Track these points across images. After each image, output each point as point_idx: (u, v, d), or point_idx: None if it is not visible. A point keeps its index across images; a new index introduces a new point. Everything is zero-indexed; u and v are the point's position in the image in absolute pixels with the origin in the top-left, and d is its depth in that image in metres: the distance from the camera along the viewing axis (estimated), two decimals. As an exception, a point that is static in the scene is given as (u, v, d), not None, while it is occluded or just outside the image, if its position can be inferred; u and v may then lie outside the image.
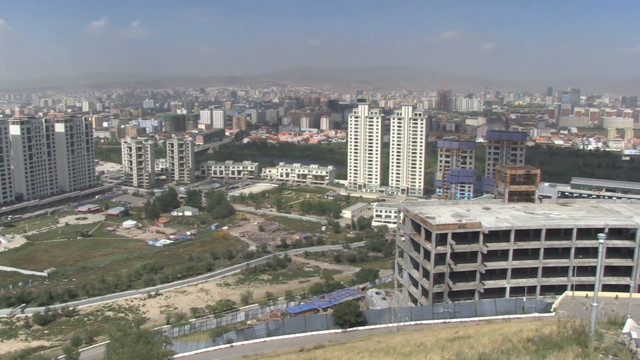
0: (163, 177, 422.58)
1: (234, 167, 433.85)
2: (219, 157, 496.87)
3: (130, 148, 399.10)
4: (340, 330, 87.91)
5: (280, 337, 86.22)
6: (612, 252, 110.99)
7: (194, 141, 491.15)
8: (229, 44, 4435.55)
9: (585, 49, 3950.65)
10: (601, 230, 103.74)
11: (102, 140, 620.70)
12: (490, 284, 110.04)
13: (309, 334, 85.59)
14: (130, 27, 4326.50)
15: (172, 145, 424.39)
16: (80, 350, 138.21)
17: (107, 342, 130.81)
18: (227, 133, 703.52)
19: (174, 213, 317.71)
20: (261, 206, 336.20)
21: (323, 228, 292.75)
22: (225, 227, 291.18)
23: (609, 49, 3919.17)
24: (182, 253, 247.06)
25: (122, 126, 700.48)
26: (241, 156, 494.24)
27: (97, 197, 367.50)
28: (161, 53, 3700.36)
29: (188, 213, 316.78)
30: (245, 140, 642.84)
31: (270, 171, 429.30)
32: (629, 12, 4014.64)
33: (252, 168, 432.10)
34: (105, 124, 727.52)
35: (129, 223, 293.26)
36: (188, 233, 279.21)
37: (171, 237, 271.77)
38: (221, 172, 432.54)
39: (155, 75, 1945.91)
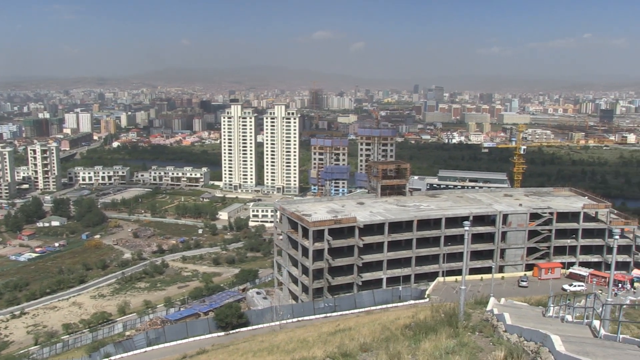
0: (25, 186, 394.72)
1: (104, 173, 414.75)
2: (87, 162, 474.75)
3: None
4: (222, 333, 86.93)
5: (161, 345, 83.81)
6: (476, 238, 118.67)
7: (59, 147, 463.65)
8: (96, 43, 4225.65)
9: (448, 50, 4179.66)
10: (466, 218, 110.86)
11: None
12: (368, 276, 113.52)
13: (191, 339, 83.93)
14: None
15: (34, 151, 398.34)
16: None
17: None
18: (95, 137, 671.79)
19: (40, 224, 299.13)
20: (135, 212, 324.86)
21: (200, 231, 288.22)
22: (97, 236, 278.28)
23: (469, 50, 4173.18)
24: (50, 266, 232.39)
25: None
26: (111, 161, 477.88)
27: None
28: (18, 52, 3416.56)
29: (55, 223, 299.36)
30: (115, 144, 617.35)
31: (142, 175, 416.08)
32: (484, 16, 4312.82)
33: (123, 173, 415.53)
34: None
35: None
36: (56, 244, 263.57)
37: (37, 250, 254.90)
38: (90, 178, 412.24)
39: (12, 76, 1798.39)
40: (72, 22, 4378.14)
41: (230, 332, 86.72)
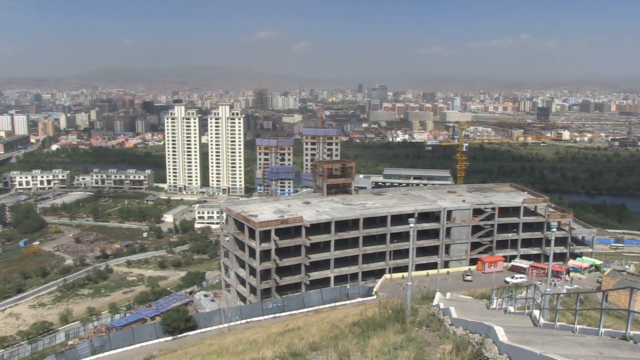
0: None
1: (42, 177, 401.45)
2: (24, 166, 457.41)
3: None
4: (170, 338, 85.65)
5: (106, 353, 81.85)
6: (422, 234, 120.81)
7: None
8: (31, 41, 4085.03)
9: (391, 49, 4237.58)
10: (411, 215, 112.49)
11: None
12: (315, 275, 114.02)
13: (137, 345, 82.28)
14: None
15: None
16: None
17: None
18: (32, 140, 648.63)
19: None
20: (76, 216, 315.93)
21: (145, 234, 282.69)
22: (36, 242, 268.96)
23: (411, 50, 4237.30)
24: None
25: None
26: (50, 164, 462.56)
27: None
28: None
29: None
30: (54, 146, 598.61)
31: (84, 179, 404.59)
32: (425, 16, 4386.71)
33: (63, 176, 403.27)
34: None
35: None
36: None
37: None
38: (28, 182, 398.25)
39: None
40: (4, 19, 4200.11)
41: (178, 336, 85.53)
